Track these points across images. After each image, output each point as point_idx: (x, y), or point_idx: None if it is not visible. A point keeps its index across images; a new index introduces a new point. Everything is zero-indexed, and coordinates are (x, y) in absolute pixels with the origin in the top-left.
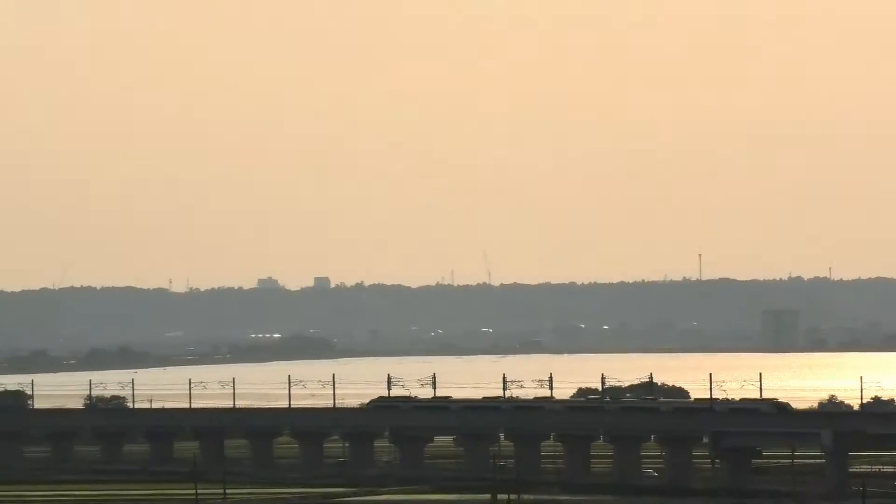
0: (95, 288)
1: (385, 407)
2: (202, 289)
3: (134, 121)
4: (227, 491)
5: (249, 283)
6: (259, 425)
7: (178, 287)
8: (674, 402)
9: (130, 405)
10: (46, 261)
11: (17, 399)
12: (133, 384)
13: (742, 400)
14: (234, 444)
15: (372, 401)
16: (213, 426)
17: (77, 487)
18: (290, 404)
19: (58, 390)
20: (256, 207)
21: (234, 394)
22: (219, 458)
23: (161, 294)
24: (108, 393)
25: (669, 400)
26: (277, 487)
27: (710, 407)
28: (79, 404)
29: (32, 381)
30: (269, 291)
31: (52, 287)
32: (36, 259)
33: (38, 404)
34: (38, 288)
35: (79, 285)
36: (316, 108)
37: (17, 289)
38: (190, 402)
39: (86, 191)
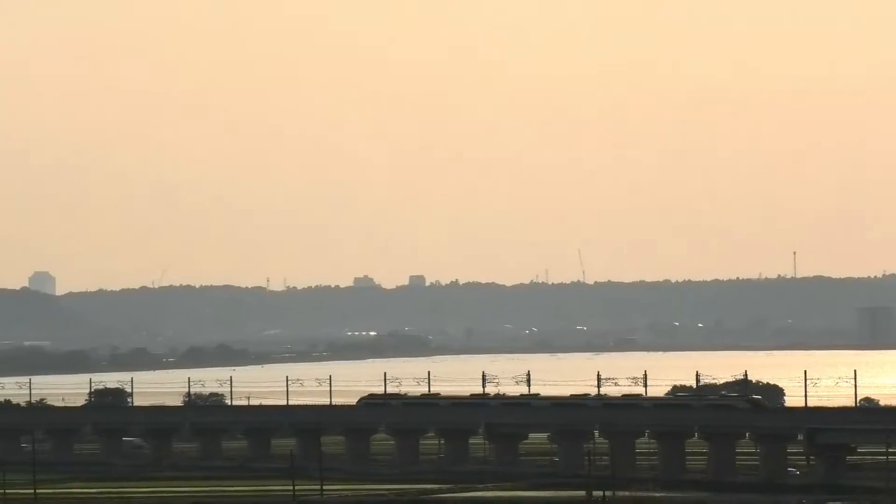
0: (194, 286)
1: (376, 404)
2: (299, 287)
3: (232, 121)
4: (325, 487)
5: (346, 281)
6: (355, 422)
7: (276, 286)
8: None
9: (229, 402)
10: (146, 260)
11: (118, 397)
12: (231, 381)
13: (721, 396)
14: (332, 441)
15: (362, 398)
16: (310, 423)
17: (176, 484)
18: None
19: (157, 388)
20: (352, 207)
21: (330, 391)
22: (316, 455)
23: (259, 292)
24: (206, 390)
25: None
26: (374, 484)
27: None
28: (178, 401)
29: (132, 378)
30: (365, 290)
31: (151, 286)
32: (136, 258)
33: (138, 402)
34: (138, 287)
35: (178, 284)
36: (411, 110)
37: (118, 288)
38: (287, 399)
39: (185, 191)
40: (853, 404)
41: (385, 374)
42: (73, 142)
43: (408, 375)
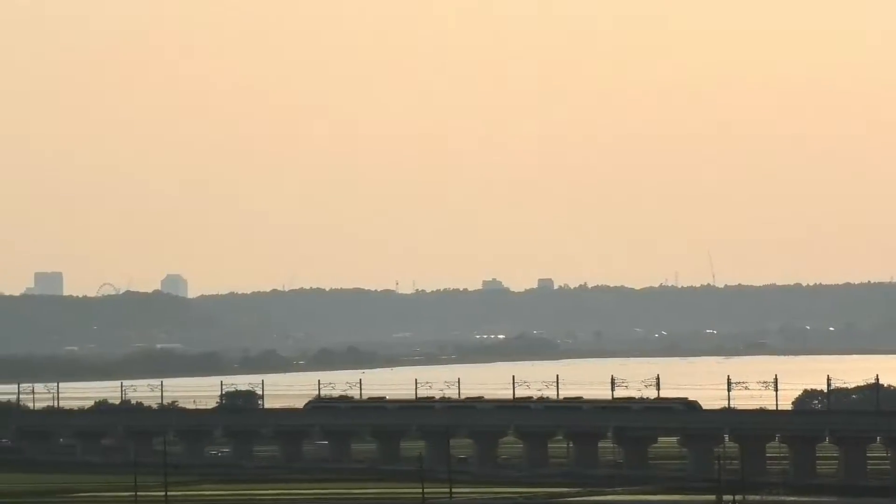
0: (324, 289)
1: (322, 407)
2: (428, 290)
3: (356, 127)
4: (454, 490)
5: (474, 284)
6: (484, 424)
7: (405, 289)
8: None
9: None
10: (277, 263)
11: (248, 399)
12: (361, 384)
13: (656, 399)
14: (460, 444)
15: (309, 401)
16: (439, 425)
17: (305, 486)
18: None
19: (287, 390)
20: (481, 210)
21: (459, 393)
22: (445, 458)
23: (388, 295)
24: (336, 392)
25: None
26: (503, 487)
27: None
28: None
29: (262, 380)
30: (493, 293)
31: (282, 289)
32: (267, 261)
33: (268, 404)
34: (268, 290)
35: (308, 287)
36: (543, 111)
37: (249, 290)
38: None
39: (315, 195)
40: None
41: (513, 377)
42: (203, 148)
43: (536, 379)
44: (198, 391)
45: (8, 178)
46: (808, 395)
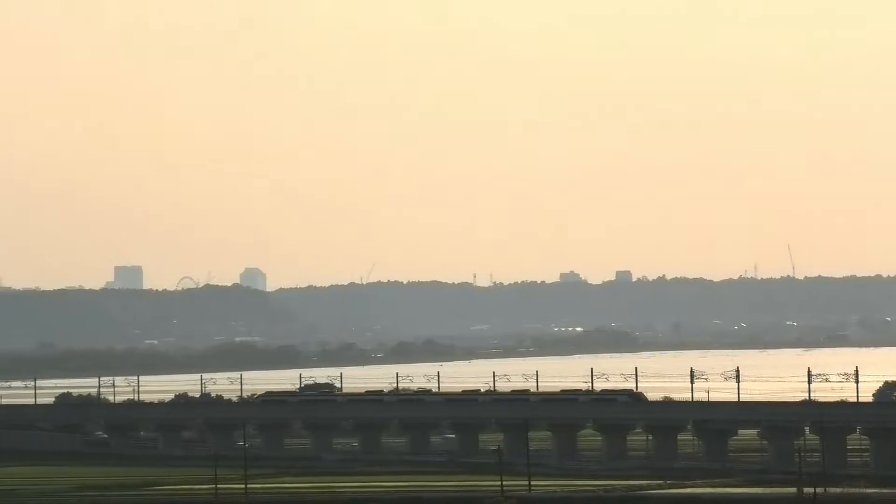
0: (402, 282)
1: (272, 401)
2: (506, 283)
3: (441, 116)
4: (532, 483)
5: (552, 277)
6: (562, 417)
7: (483, 281)
8: None
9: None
10: (355, 256)
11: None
12: (438, 377)
13: (602, 391)
14: (539, 436)
15: (260, 395)
16: (517, 418)
17: (385, 479)
18: (592, 396)
19: (366, 383)
20: (557, 203)
21: (537, 386)
22: (523, 450)
23: (466, 288)
24: (414, 385)
25: None
26: (581, 479)
27: None
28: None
29: (341, 373)
30: (571, 285)
31: (360, 282)
32: (345, 255)
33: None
34: (346, 283)
35: (385, 280)
36: (623, 101)
37: (327, 284)
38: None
39: (393, 188)
40: None
41: (591, 369)
42: (282, 143)
43: (614, 371)
44: (277, 384)
45: (88, 172)
46: (889, 386)
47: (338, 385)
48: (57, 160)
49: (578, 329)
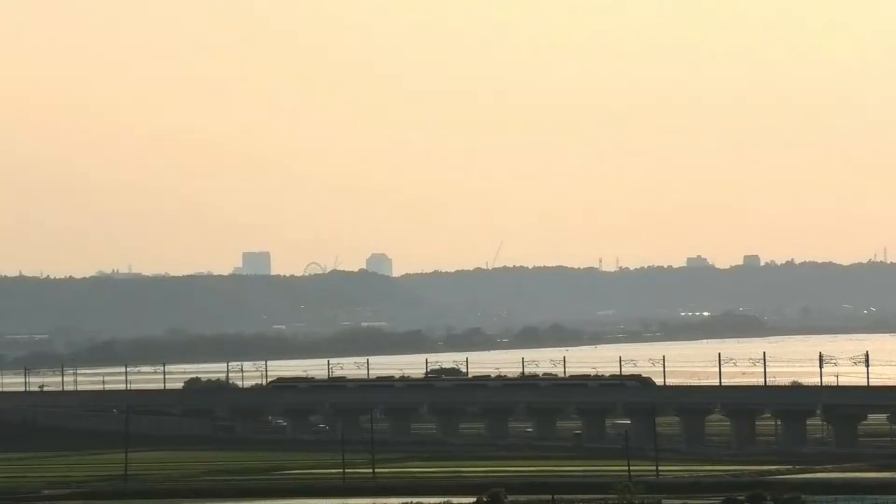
0: (527, 267)
1: (283, 387)
2: (632, 268)
3: (565, 100)
4: (660, 468)
5: (679, 261)
6: (691, 402)
7: (609, 266)
8: None
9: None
10: (480, 242)
11: (453, 376)
12: (564, 361)
13: (611, 376)
14: (666, 422)
15: (271, 381)
16: (645, 403)
17: (511, 463)
18: (720, 382)
19: (491, 368)
20: (685, 186)
21: (664, 371)
22: (651, 435)
23: (591, 273)
24: (540, 370)
25: None
26: (710, 464)
27: None
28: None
29: (467, 358)
30: (698, 270)
31: (485, 267)
32: (470, 240)
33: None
34: (472, 268)
35: (511, 265)
36: (746, 88)
37: (452, 269)
38: (620, 380)
39: (519, 173)
40: None
41: (719, 354)
42: (408, 129)
43: (742, 356)
44: (404, 369)
45: (217, 160)
46: None
47: (463, 370)
48: (186, 150)
49: (705, 314)
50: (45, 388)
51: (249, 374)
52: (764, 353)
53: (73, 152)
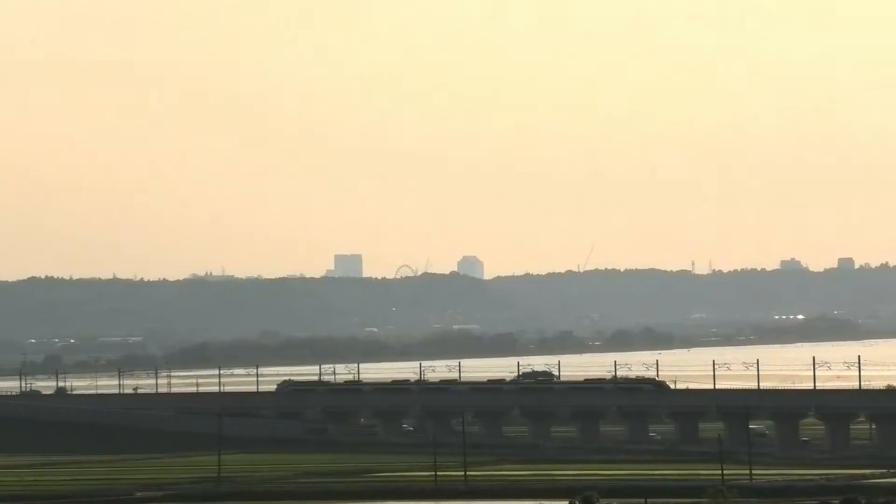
0: (619, 270)
1: (299, 391)
2: (725, 270)
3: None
4: (753, 472)
5: (772, 264)
6: (784, 406)
7: (701, 269)
8: None
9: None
10: (571, 244)
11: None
12: (657, 365)
13: (625, 379)
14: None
15: (280, 385)
16: (738, 407)
17: (603, 467)
18: (814, 385)
19: (584, 371)
20: (778, 190)
21: (758, 374)
22: (744, 439)
23: (684, 276)
24: (632, 374)
25: None
26: (804, 468)
27: None
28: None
29: (559, 361)
30: (792, 273)
31: (577, 270)
32: (561, 242)
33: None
34: (563, 271)
35: (603, 268)
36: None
37: (544, 271)
38: (714, 383)
39: (610, 176)
40: None
41: (814, 358)
42: (497, 132)
43: (837, 360)
44: (494, 372)
45: (312, 163)
46: None
47: (555, 373)
48: (279, 153)
49: (800, 317)
50: (139, 391)
51: (342, 376)
52: (859, 356)
53: (168, 157)
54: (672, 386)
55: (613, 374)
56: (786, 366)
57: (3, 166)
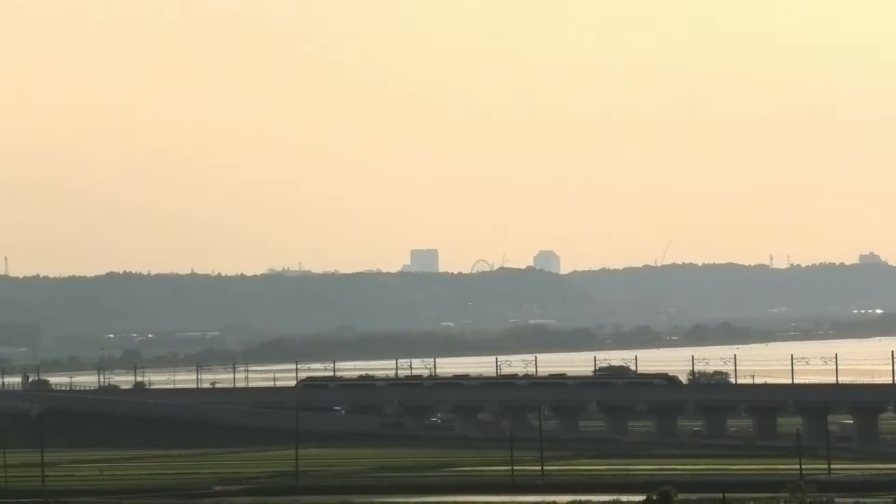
0: (696, 264)
1: (314, 385)
2: (803, 265)
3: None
4: (832, 467)
5: (851, 258)
6: (863, 400)
7: (780, 263)
8: None
9: (732, 380)
10: (648, 239)
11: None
12: (735, 359)
13: (638, 374)
14: (837, 420)
15: (300, 381)
16: (816, 401)
17: (679, 462)
18: (893, 380)
19: (660, 366)
20: (858, 183)
21: (836, 369)
22: (822, 434)
23: (762, 270)
24: (710, 368)
25: None
26: (883, 463)
27: None
28: (682, 379)
29: (636, 356)
30: (871, 267)
31: (654, 264)
32: (639, 237)
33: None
34: (640, 265)
35: (680, 262)
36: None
37: (621, 266)
38: (792, 378)
39: (686, 170)
40: None
41: (893, 352)
42: (572, 126)
43: None
44: (572, 366)
45: (385, 160)
46: None
47: (633, 368)
48: (356, 150)
49: (879, 311)
50: (217, 385)
51: (418, 370)
52: None
53: (247, 151)
54: (750, 380)
55: (691, 368)
56: (864, 360)
57: (82, 162)
